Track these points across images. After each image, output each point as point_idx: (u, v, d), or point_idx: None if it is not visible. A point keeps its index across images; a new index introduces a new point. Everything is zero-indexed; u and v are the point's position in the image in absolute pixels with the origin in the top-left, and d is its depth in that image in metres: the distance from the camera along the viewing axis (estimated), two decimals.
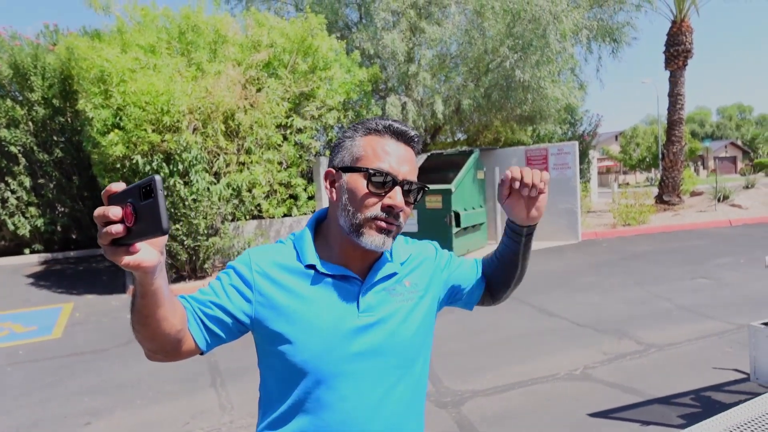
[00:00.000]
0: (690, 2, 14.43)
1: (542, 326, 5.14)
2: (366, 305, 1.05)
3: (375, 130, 1.04)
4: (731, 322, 4.88)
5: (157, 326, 0.88)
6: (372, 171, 0.99)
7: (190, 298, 1.01)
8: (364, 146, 1.03)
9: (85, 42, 7.62)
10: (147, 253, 0.76)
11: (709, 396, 3.36)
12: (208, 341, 1.01)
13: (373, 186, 0.99)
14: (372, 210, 1.00)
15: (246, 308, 1.02)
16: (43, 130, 10.52)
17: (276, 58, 8.65)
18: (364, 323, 1.03)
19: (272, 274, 1.04)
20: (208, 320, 1.00)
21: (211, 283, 1.06)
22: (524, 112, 12.04)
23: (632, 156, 44.33)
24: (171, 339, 0.92)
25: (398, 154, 1.02)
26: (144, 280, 0.81)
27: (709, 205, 14.33)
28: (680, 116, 14.91)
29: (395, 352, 1.06)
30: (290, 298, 1.02)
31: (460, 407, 3.47)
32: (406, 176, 1.02)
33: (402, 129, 1.04)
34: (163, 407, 3.72)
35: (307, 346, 1.00)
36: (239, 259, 1.07)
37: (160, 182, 0.69)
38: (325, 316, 1.02)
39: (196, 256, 7.73)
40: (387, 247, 1.01)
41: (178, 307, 0.93)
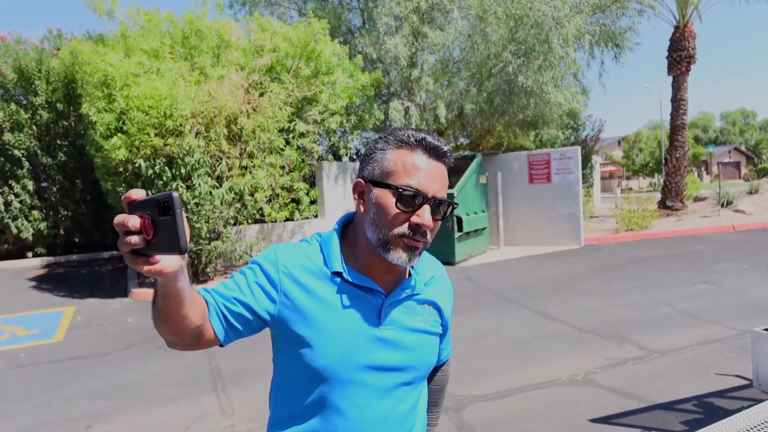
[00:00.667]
0: (693, 7, 14.43)
1: (544, 331, 5.12)
2: (388, 320, 1.06)
3: (407, 144, 1.02)
4: (734, 327, 4.86)
5: (179, 323, 0.90)
6: (401, 189, 0.98)
7: (213, 292, 1.03)
8: (395, 160, 1.01)
9: (89, 46, 7.66)
10: (167, 259, 0.76)
11: (711, 402, 3.34)
12: (228, 334, 1.03)
13: (402, 204, 0.99)
14: (400, 228, 0.99)
15: (270, 307, 1.03)
16: (47, 134, 10.57)
17: (279, 62, 8.69)
18: (384, 336, 1.05)
19: (298, 276, 1.05)
20: (231, 315, 1.01)
21: (234, 276, 1.06)
22: (527, 117, 12.05)
23: (635, 161, 44.26)
24: (191, 333, 0.94)
25: (429, 170, 1.01)
26: (166, 284, 0.82)
27: (713, 211, 14.29)
28: (683, 121, 14.88)
29: (409, 368, 1.08)
30: (314, 302, 1.03)
31: (461, 412, 3.45)
32: (436, 193, 1.01)
33: (435, 144, 1.02)
34: (164, 411, 3.72)
35: (325, 353, 1.01)
36: (265, 255, 1.08)
37: (178, 200, 0.68)
38: (347, 325, 1.03)
39: (198, 260, 7.74)
40: (413, 263, 1.02)
41: (199, 303, 0.95)
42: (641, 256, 9.19)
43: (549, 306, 6.04)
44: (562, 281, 7.42)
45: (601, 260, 8.99)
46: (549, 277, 7.79)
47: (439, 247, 9.41)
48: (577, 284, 7.15)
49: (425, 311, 1.12)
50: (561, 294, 6.64)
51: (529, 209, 11.15)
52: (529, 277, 7.89)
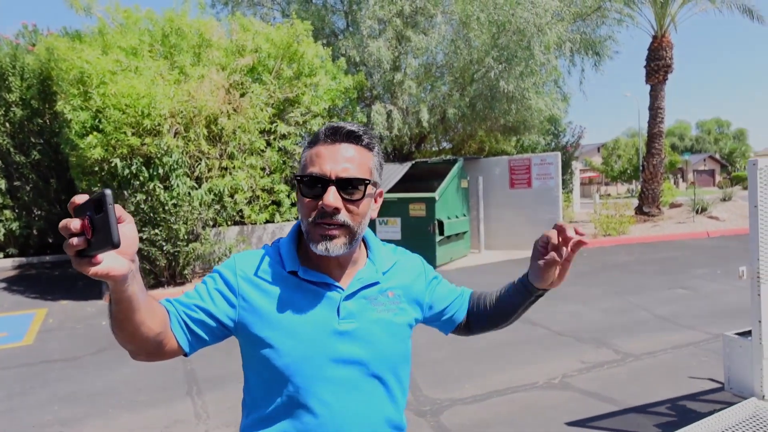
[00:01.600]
0: (670, 18, 14.75)
1: (522, 335, 5.15)
2: (346, 312, 1.05)
3: (316, 136, 1.05)
4: (707, 331, 4.94)
5: (134, 330, 0.90)
6: (299, 177, 1.01)
7: (174, 301, 1.03)
8: (306, 156, 1.04)
9: (65, 43, 7.50)
10: (114, 262, 0.76)
11: (684, 405, 3.39)
12: (191, 343, 1.03)
13: (306, 191, 1.00)
14: (311, 215, 1.00)
15: (230, 312, 1.04)
16: (21, 132, 10.33)
17: (261, 63, 8.62)
18: (344, 330, 1.04)
19: (256, 279, 1.06)
20: (192, 323, 1.02)
21: (196, 286, 1.07)
22: (508, 123, 12.16)
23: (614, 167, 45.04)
24: (150, 341, 0.94)
25: (330, 153, 1.01)
26: (116, 287, 0.81)
27: (688, 217, 14.58)
28: (660, 129, 15.18)
29: (375, 360, 1.07)
30: (273, 303, 1.04)
31: (439, 416, 3.44)
32: (339, 174, 0.99)
33: (335, 127, 1.03)
34: (137, 416, 3.64)
35: (288, 352, 1.02)
36: (225, 263, 1.10)
37: (110, 196, 0.71)
38: (306, 322, 1.03)
39: (175, 261, 7.61)
40: (332, 252, 1.00)
41: (157, 311, 0.94)
42: (619, 261, 9.33)
43: (529, 310, 6.07)
44: None
45: (580, 265, 9.09)
46: None
47: (420, 251, 9.35)
48: (555, 289, 7.20)
49: (388, 300, 1.11)
50: (540, 298, 6.68)
51: (510, 214, 11.24)
52: (508, 281, 7.93)
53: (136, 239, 0.80)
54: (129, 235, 0.78)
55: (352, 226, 1.01)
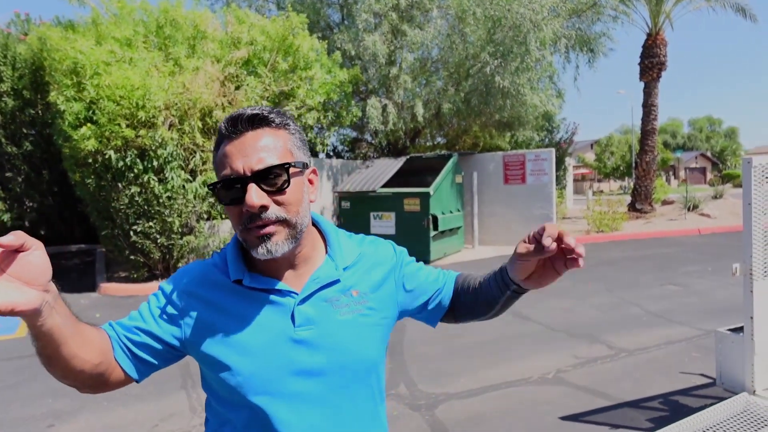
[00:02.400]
0: (665, 16, 14.81)
1: (516, 330, 5.19)
2: (303, 318, 0.94)
3: (219, 135, 0.92)
4: (699, 327, 5.00)
5: (65, 365, 0.82)
6: (210, 186, 0.90)
7: (116, 325, 0.95)
8: (216, 160, 0.92)
9: (58, 33, 7.42)
10: (19, 295, 0.68)
11: (676, 400, 3.43)
12: (139, 369, 0.95)
13: (225, 199, 0.89)
14: (239, 222, 0.89)
15: (176, 332, 0.95)
16: (12, 122, 10.20)
17: (256, 56, 8.57)
18: (302, 338, 0.93)
19: (201, 293, 0.96)
20: (136, 347, 0.94)
21: (141, 305, 0.99)
22: (503, 118, 12.19)
23: (607, 164, 45.31)
24: (88, 374, 0.86)
25: (237, 148, 0.88)
26: (30, 322, 0.73)
27: (680, 214, 14.70)
28: (653, 126, 15.28)
29: (340, 369, 0.95)
30: (220, 317, 0.94)
31: (434, 410, 3.47)
32: (253, 166, 0.86)
33: (235, 116, 0.89)
34: (131, 410, 3.63)
35: (241, 369, 0.92)
36: (170, 278, 1.00)
37: None
38: (259, 334, 0.93)
39: (169, 254, 7.59)
40: (276, 252, 0.88)
41: (94, 340, 0.86)
42: (611, 257, 9.40)
43: (522, 305, 6.11)
44: None
45: None
46: None
47: (414, 246, 9.44)
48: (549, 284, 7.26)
49: (353, 299, 0.98)
50: (533, 294, 6.70)
51: (504, 209, 11.29)
52: None
53: (47, 268, 0.72)
54: (36, 263, 0.70)
55: (288, 218, 0.89)
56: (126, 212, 7.14)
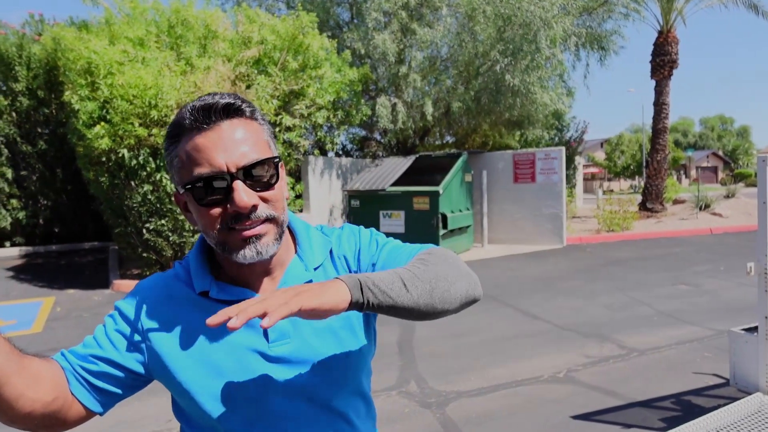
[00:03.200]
0: (676, 13, 14.67)
1: (526, 329, 5.19)
2: (277, 333, 0.83)
3: (179, 126, 0.79)
4: (711, 327, 4.97)
5: (9, 407, 0.71)
6: (188, 185, 0.78)
7: (70, 354, 0.84)
8: (179, 155, 0.79)
9: (72, 33, 7.50)
10: None
11: (689, 400, 3.42)
12: (100, 401, 0.84)
13: (202, 199, 0.78)
14: (219, 223, 0.79)
15: (138, 357, 0.84)
16: (27, 122, 10.35)
17: (266, 55, 8.61)
18: (278, 354, 0.83)
19: (162, 310, 0.85)
20: (95, 378, 0.83)
21: (96, 329, 0.88)
22: (513, 117, 12.15)
23: (617, 163, 44.99)
24: (39, 415, 0.75)
25: (213, 140, 0.77)
26: None
27: (691, 214, 14.58)
28: (665, 125, 15.15)
29: (326, 384, 0.85)
30: (184, 336, 0.83)
31: (445, 408, 3.48)
32: (238, 162, 0.77)
33: (206, 104, 0.78)
34: (145, 404, 3.68)
35: (213, 394, 0.81)
36: (127, 296, 0.89)
37: None
38: (228, 353, 0.82)
39: (181, 252, 7.66)
40: (269, 252, 0.81)
41: (42, 376, 0.76)
42: (622, 256, 9.35)
43: (531, 304, 6.11)
44: (545, 280, 7.51)
45: (583, 260, 9.12)
46: (531, 275, 7.88)
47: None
48: (559, 283, 7.25)
49: None
50: (543, 293, 6.72)
51: (513, 208, 11.26)
52: (511, 275, 7.98)
53: None
54: None
55: (276, 216, 0.81)
56: (138, 210, 7.22)
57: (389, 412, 3.42)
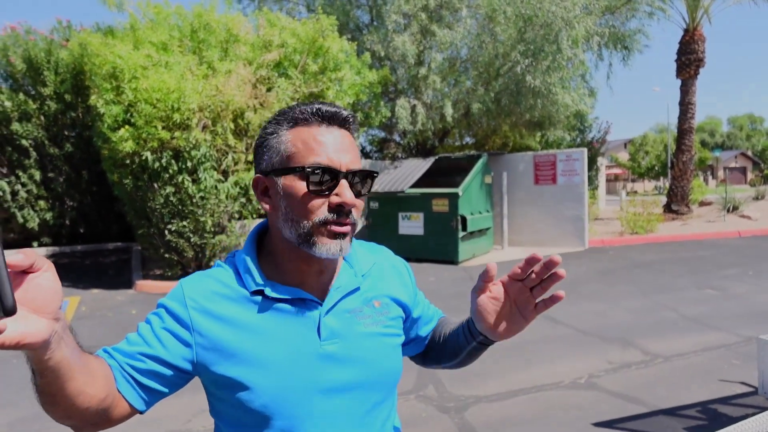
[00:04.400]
0: (703, 11, 14.35)
1: (546, 333, 5.11)
2: (329, 331, 0.88)
3: (302, 120, 0.86)
4: (738, 334, 4.84)
5: (70, 404, 0.73)
6: (309, 168, 0.83)
7: (115, 352, 0.85)
8: (293, 141, 0.86)
9: (98, 38, 7.67)
10: (28, 325, 0.58)
11: (715, 409, 3.33)
12: (145, 400, 0.86)
13: (313, 185, 0.83)
14: (319, 213, 0.84)
15: (186, 354, 0.86)
16: (55, 125, 10.62)
17: (287, 58, 8.68)
18: (329, 353, 0.88)
19: (212, 307, 0.87)
20: (142, 376, 0.84)
21: (139, 326, 0.88)
22: (533, 118, 12.02)
23: (641, 164, 44.13)
24: (93, 411, 0.77)
25: (335, 141, 0.85)
26: (36, 357, 0.64)
27: (718, 216, 14.23)
28: (691, 125, 14.83)
29: (368, 383, 0.91)
30: (237, 333, 0.86)
31: (463, 413, 3.45)
32: (350, 166, 0.85)
33: (332, 111, 0.86)
34: (166, 404, 3.71)
35: (264, 390, 0.84)
36: (171, 293, 0.90)
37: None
38: (281, 350, 0.86)
39: (202, 253, 7.76)
40: (345, 252, 0.86)
41: (98, 373, 0.77)
42: (646, 259, 9.16)
43: (552, 308, 6.02)
44: (566, 283, 7.40)
45: (605, 263, 8.96)
46: None
47: (442, 247, 9.41)
48: (580, 287, 7.13)
49: (375, 311, 0.94)
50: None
51: (534, 210, 11.13)
52: None
53: (57, 292, 0.62)
54: (47, 287, 0.60)
55: (356, 223, 0.88)
56: (161, 212, 7.33)
57: (407, 417, 3.41)
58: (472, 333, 0.99)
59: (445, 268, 8.86)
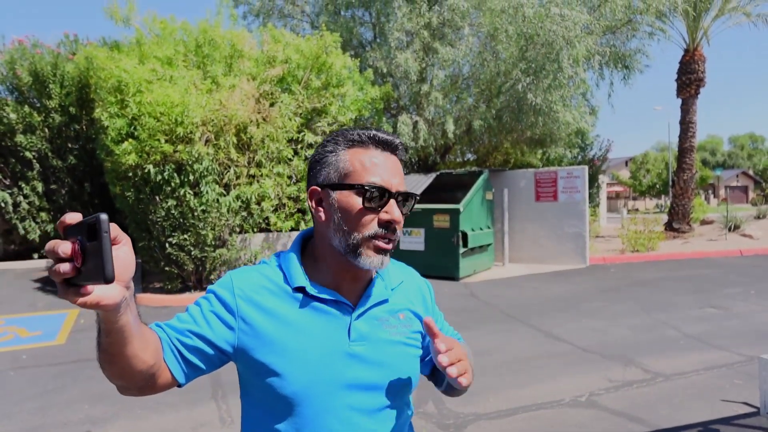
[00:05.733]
0: (702, 32, 14.50)
1: (547, 350, 5.08)
2: (357, 333, 0.98)
3: (359, 142, 0.97)
4: (741, 353, 4.80)
5: (126, 364, 0.82)
6: (367, 187, 0.93)
7: (166, 327, 0.95)
8: (350, 160, 0.96)
9: (104, 52, 7.77)
10: (106, 290, 0.68)
11: (717, 429, 3.29)
12: (186, 373, 0.95)
13: (368, 202, 0.94)
14: (369, 228, 0.94)
15: (228, 337, 0.95)
16: (59, 137, 10.69)
17: (290, 73, 8.77)
18: (356, 353, 0.97)
19: (257, 298, 0.97)
20: (187, 351, 0.94)
21: (189, 308, 0.98)
22: (535, 135, 12.09)
23: (642, 182, 44.19)
24: (143, 375, 0.86)
25: (387, 165, 0.97)
26: (107, 318, 0.74)
27: (720, 234, 14.20)
28: (692, 144, 14.88)
29: (389, 387, 0.99)
30: (276, 324, 0.95)
31: (463, 430, 3.41)
32: (398, 188, 0.97)
33: (387, 138, 0.98)
34: (164, 418, 3.70)
35: (296, 379, 0.93)
36: (220, 282, 1.00)
37: (106, 222, 0.61)
38: (315, 343, 0.95)
39: (202, 266, 7.75)
40: (385, 266, 0.97)
41: (150, 341, 0.86)
42: (647, 277, 9.13)
43: (553, 325, 5.99)
44: (567, 300, 7.37)
45: (607, 280, 8.93)
46: (553, 295, 7.74)
47: (443, 263, 9.39)
48: (581, 304, 7.10)
49: (400, 322, 1.04)
50: (565, 313, 6.59)
51: (535, 227, 11.13)
52: (533, 295, 7.85)
53: (132, 263, 0.72)
54: (124, 258, 0.70)
55: (397, 239, 0.98)
56: (162, 224, 7.35)
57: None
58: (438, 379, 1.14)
59: (445, 284, 8.83)
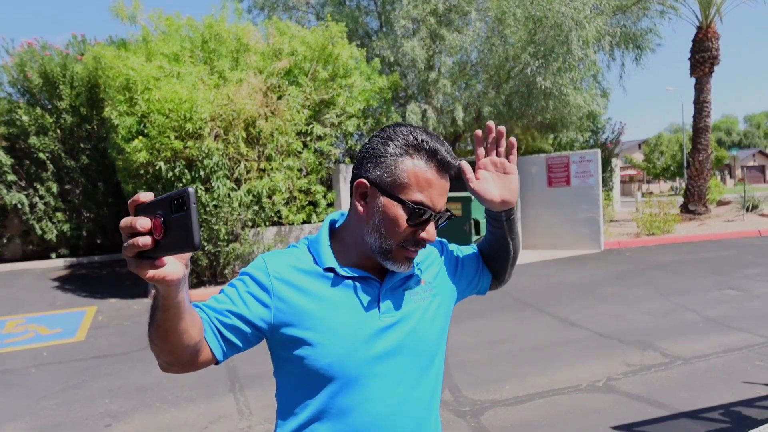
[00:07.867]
0: (716, 8, 14.17)
1: (563, 336, 5.04)
2: (386, 306, 1.04)
3: (421, 151, 1.00)
4: (761, 334, 4.72)
5: (177, 339, 0.87)
6: (415, 207, 0.98)
7: (205, 307, 0.99)
8: (407, 172, 0.99)
9: (112, 51, 7.80)
10: (172, 266, 0.74)
11: (739, 411, 3.24)
12: (224, 351, 0.99)
13: (412, 220, 0.99)
14: (405, 240, 1.00)
15: (264, 315, 1.00)
16: (71, 138, 10.80)
17: (297, 66, 8.74)
18: (386, 324, 1.03)
19: (290, 277, 1.02)
20: (226, 330, 0.98)
21: (224, 290, 1.03)
22: (545, 120, 11.92)
23: (656, 164, 43.51)
24: (189, 351, 0.91)
25: (440, 186, 1.01)
26: (167, 293, 0.79)
27: (737, 215, 13.97)
28: (706, 124, 14.60)
29: (416, 351, 1.06)
30: (311, 301, 1.01)
31: (480, 417, 3.41)
32: (441, 208, 1.02)
33: (448, 161, 1.01)
34: (182, 411, 3.74)
35: (329, 350, 0.99)
36: (254, 264, 1.05)
37: (193, 195, 0.67)
38: (347, 318, 1.01)
39: (216, 261, 7.81)
40: (410, 270, 1.05)
41: (196, 318, 0.91)
42: (664, 260, 9.01)
43: (569, 311, 5.95)
44: (582, 286, 7.30)
45: (622, 265, 8.83)
46: (568, 281, 7.68)
47: None
48: (597, 289, 7.03)
49: (421, 288, 1.11)
50: (581, 299, 6.53)
51: (548, 213, 11.02)
52: (547, 281, 7.79)
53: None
54: None
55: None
56: None
57: None
58: (495, 218, 1.17)
59: None
